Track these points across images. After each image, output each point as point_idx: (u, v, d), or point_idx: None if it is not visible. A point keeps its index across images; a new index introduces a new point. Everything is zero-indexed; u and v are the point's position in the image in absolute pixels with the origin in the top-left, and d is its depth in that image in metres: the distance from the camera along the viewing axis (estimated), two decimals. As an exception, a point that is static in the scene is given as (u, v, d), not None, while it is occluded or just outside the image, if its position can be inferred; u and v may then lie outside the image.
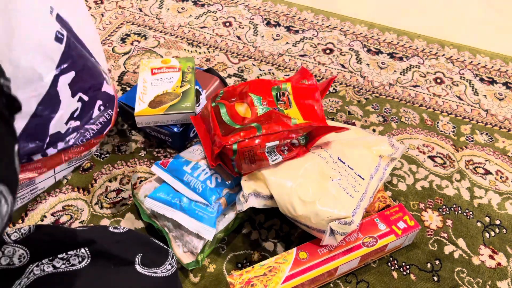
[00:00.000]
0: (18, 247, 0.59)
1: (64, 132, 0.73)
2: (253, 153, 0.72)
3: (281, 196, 0.72)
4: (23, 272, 0.57)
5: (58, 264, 0.57)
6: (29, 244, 0.60)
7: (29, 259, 0.58)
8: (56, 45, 0.66)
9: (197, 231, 0.72)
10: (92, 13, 1.26)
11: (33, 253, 0.59)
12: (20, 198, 0.77)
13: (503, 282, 0.77)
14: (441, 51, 1.20)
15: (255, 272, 0.70)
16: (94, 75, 0.76)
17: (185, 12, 1.29)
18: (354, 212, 0.70)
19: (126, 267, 0.56)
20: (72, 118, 0.73)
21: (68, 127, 0.73)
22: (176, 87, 0.92)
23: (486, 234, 0.84)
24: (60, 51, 0.67)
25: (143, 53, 1.15)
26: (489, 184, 0.91)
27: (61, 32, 0.67)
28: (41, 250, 0.59)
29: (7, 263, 0.57)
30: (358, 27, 1.26)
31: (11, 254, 0.58)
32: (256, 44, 1.19)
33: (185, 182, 0.76)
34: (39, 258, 0.58)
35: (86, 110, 0.75)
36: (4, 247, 0.58)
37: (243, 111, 0.78)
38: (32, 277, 0.56)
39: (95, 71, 0.77)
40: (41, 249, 0.59)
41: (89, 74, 0.75)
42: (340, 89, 1.09)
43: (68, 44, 0.68)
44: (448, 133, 1.00)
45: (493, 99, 1.08)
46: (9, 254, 0.58)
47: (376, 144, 0.80)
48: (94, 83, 0.76)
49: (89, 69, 0.74)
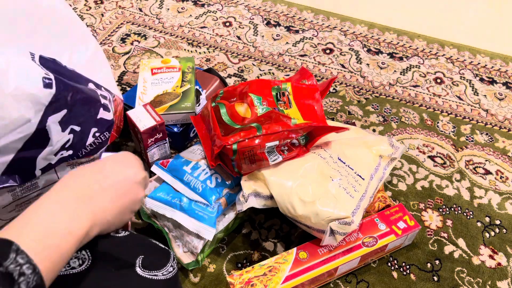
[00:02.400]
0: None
1: (55, 163, 0.73)
2: (253, 153, 0.72)
3: (281, 196, 0.72)
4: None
5: None
6: None
7: None
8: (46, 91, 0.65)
9: (197, 231, 0.72)
10: (92, 13, 1.26)
11: None
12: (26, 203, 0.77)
13: (503, 282, 0.77)
14: (441, 51, 1.20)
15: (255, 272, 0.70)
16: (89, 107, 0.74)
17: (185, 12, 1.29)
18: (354, 212, 0.70)
19: (126, 270, 0.56)
20: (63, 149, 0.72)
21: (59, 157, 0.73)
22: (176, 87, 0.92)
23: (486, 234, 0.84)
24: (51, 95, 0.66)
25: (143, 53, 1.15)
26: (489, 184, 0.91)
27: (48, 77, 0.65)
28: None
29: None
30: (358, 27, 1.26)
31: None
32: (256, 44, 1.19)
33: (185, 182, 0.76)
34: None
35: (79, 140, 0.73)
36: None
37: (243, 111, 0.78)
38: None
39: (91, 101, 0.75)
40: None
41: (83, 107, 0.73)
42: (340, 89, 1.09)
43: (58, 86, 0.67)
44: (448, 133, 1.00)
45: (493, 99, 1.08)
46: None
47: (376, 144, 0.80)
48: (89, 114, 0.75)
49: (83, 102, 0.73)
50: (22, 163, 0.68)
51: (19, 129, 0.64)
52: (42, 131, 0.67)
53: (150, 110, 0.81)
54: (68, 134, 0.71)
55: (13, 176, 0.69)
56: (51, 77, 0.66)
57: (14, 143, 0.65)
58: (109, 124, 0.79)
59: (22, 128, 0.65)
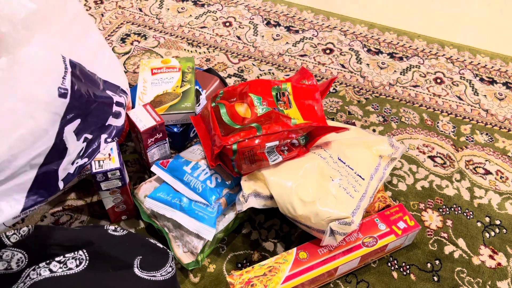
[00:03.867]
0: (16, 251, 0.58)
1: (73, 172, 0.73)
2: (253, 153, 0.72)
3: (281, 196, 0.72)
4: (19, 276, 0.57)
5: (55, 268, 0.57)
6: (27, 247, 0.59)
7: (27, 263, 0.58)
8: (60, 100, 0.66)
9: (197, 231, 0.72)
10: (92, 13, 1.26)
11: (31, 256, 0.58)
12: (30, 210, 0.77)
13: (503, 282, 0.77)
14: (441, 51, 1.20)
15: (255, 272, 0.70)
16: (100, 114, 0.75)
17: (185, 12, 1.29)
18: (354, 212, 0.70)
19: (124, 270, 0.56)
20: (78, 157, 0.73)
21: (75, 166, 0.73)
22: (176, 87, 0.92)
23: (486, 234, 0.84)
24: (65, 105, 0.66)
25: (143, 53, 1.15)
26: (489, 184, 0.91)
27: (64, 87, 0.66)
28: (39, 253, 0.59)
29: (5, 268, 0.57)
30: (358, 27, 1.26)
31: (9, 258, 0.57)
32: (256, 44, 1.19)
33: (185, 182, 0.76)
34: (36, 262, 0.58)
35: (91, 147, 0.74)
36: (2, 251, 0.58)
37: (243, 111, 0.78)
38: (29, 281, 0.55)
39: (103, 109, 0.76)
40: (40, 252, 0.59)
41: (95, 115, 0.74)
42: (340, 89, 1.09)
43: (73, 96, 0.67)
44: (448, 133, 1.00)
45: (493, 99, 1.08)
46: (7, 258, 0.57)
47: (376, 144, 0.80)
48: (100, 122, 0.76)
49: (96, 110, 0.74)
50: (45, 178, 0.68)
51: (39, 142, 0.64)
52: (61, 142, 0.67)
53: (150, 110, 0.81)
54: (82, 143, 0.72)
55: (40, 192, 0.69)
56: (67, 87, 0.66)
57: (35, 158, 0.65)
58: (119, 129, 0.79)
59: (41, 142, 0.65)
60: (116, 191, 0.75)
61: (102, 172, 0.71)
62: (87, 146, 0.73)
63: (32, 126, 0.63)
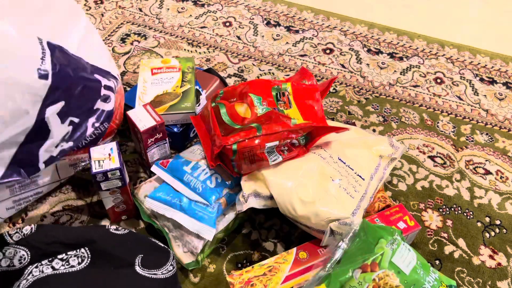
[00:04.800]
0: (19, 248, 0.59)
1: (56, 155, 0.73)
2: (253, 153, 0.72)
3: (281, 196, 0.72)
4: (22, 273, 0.57)
5: (57, 265, 0.57)
6: (30, 245, 0.60)
7: (29, 260, 0.58)
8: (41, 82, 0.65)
9: (197, 231, 0.72)
10: (92, 13, 1.26)
11: (34, 254, 0.59)
12: (24, 201, 0.77)
13: (503, 282, 0.77)
14: (441, 51, 1.20)
15: (255, 272, 0.70)
16: (88, 98, 0.74)
17: (185, 12, 1.29)
18: (354, 213, 0.70)
19: (125, 268, 0.56)
20: (63, 141, 0.72)
21: (60, 149, 0.73)
22: (176, 87, 0.92)
23: (486, 234, 0.84)
24: (46, 86, 0.66)
25: (143, 53, 1.15)
26: (489, 184, 0.91)
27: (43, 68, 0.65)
28: (41, 250, 0.59)
29: (7, 265, 0.57)
30: (358, 27, 1.26)
31: (12, 255, 0.58)
32: (256, 44, 1.19)
33: (185, 182, 0.76)
34: (39, 259, 0.58)
35: (78, 131, 0.74)
36: (5, 249, 0.58)
37: (243, 111, 0.78)
38: (31, 278, 0.56)
39: (90, 92, 0.75)
40: (42, 250, 0.59)
41: (82, 98, 0.73)
42: (340, 89, 1.09)
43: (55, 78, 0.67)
44: (448, 133, 1.00)
45: (493, 99, 1.08)
46: (10, 255, 0.58)
47: (376, 144, 0.80)
48: (87, 106, 0.75)
49: (82, 93, 0.73)
50: (25, 157, 0.69)
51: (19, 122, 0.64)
52: (42, 124, 0.67)
53: (150, 110, 0.81)
54: (68, 126, 0.71)
55: (18, 170, 0.69)
56: (47, 69, 0.66)
57: (15, 136, 0.65)
58: (108, 114, 0.79)
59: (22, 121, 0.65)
60: (116, 191, 0.75)
61: (102, 172, 0.71)
62: (73, 130, 0.73)
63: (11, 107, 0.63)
